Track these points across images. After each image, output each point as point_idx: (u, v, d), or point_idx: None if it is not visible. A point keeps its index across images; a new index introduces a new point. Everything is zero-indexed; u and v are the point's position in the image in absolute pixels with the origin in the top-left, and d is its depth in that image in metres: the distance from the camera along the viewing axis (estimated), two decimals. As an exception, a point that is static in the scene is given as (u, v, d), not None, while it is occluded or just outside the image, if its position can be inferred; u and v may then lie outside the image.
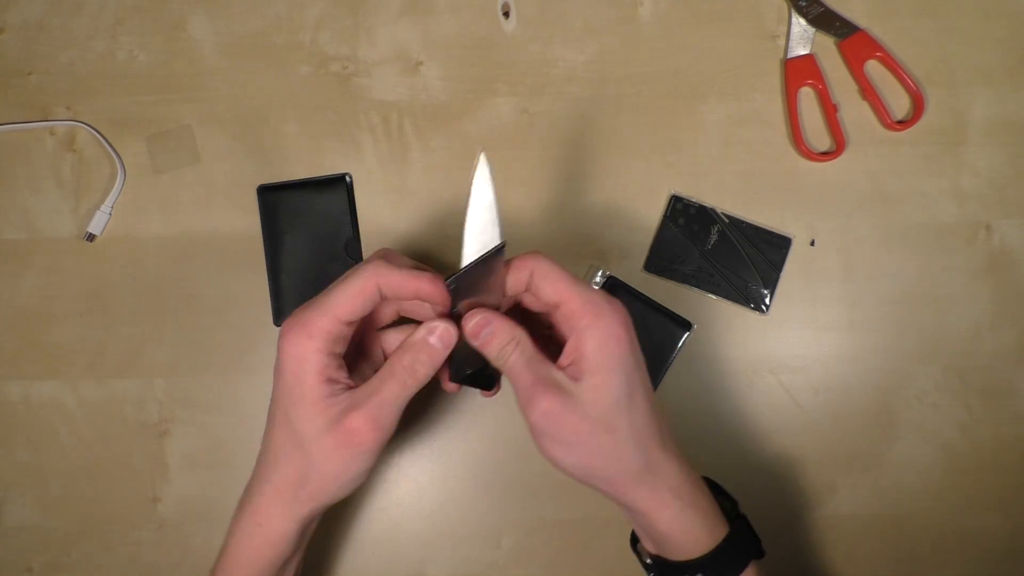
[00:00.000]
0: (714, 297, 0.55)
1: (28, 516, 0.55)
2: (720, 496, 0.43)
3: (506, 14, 0.57)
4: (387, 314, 0.44)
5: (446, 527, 0.55)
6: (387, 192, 0.56)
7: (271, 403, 0.41)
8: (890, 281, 0.55)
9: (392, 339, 0.44)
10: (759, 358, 0.55)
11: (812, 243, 0.55)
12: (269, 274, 0.55)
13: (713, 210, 0.55)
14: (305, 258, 0.55)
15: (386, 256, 0.41)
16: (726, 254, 0.55)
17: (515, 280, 0.40)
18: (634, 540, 0.45)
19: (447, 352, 0.40)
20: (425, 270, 0.40)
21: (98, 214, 0.55)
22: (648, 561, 0.43)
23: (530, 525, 0.54)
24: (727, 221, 0.55)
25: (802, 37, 0.56)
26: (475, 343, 0.39)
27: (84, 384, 0.55)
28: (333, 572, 0.54)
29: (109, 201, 0.55)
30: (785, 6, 0.57)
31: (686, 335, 0.54)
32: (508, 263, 0.40)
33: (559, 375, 0.39)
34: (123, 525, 0.55)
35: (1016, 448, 0.55)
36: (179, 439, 0.55)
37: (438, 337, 0.39)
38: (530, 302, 0.41)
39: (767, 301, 0.55)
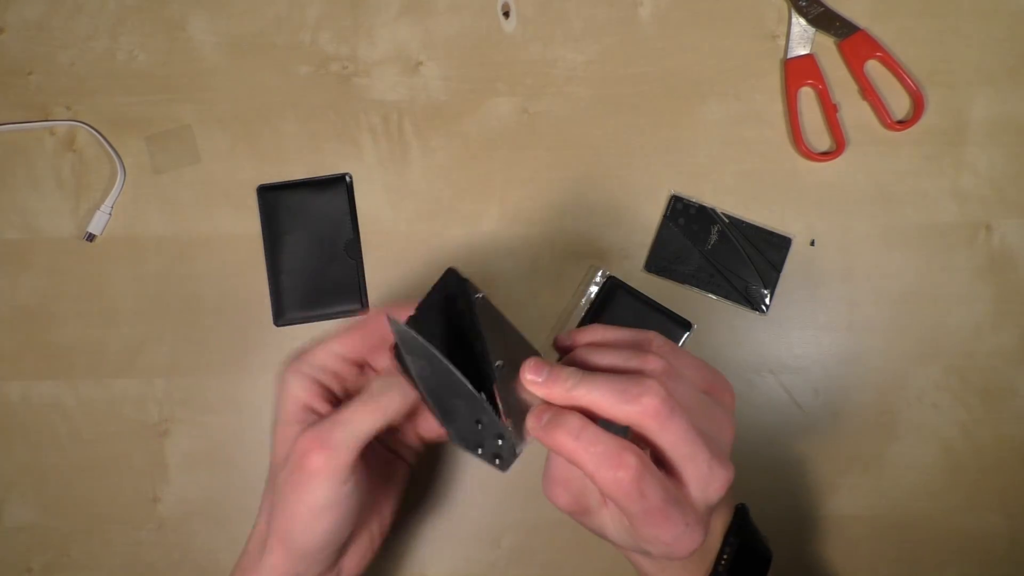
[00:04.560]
0: (714, 297, 0.55)
1: (28, 516, 0.55)
2: (752, 544, 0.41)
3: (506, 14, 0.57)
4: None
5: (446, 527, 0.55)
6: (387, 192, 0.56)
7: None
8: (890, 281, 0.55)
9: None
10: (759, 358, 0.55)
11: (812, 243, 0.55)
12: (269, 274, 0.55)
13: (713, 210, 0.55)
14: (305, 258, 0.55)
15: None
16: (726, 254, 0.55)
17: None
18: None
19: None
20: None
21: (98, 214, 0.55)
22: None
23: (530, 525, 0.54)
24: (727, 221, 0.55)
25: (802, 37, 0.56)
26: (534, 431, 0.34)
27: (84, 384, 0.55)
28: (333, 572, 0.54)
29: (109, 201, 0.55)
30: (785, 6, 0.57)
31: (686, 335, 0.54)
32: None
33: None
34: (123, 525, 0.55)
35: (1016, 448, 0.54)
36: (179, 439, 0.55)
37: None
38: None
39: (767, 301, 0.55)
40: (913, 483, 0.54)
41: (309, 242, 0.56)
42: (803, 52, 0.56)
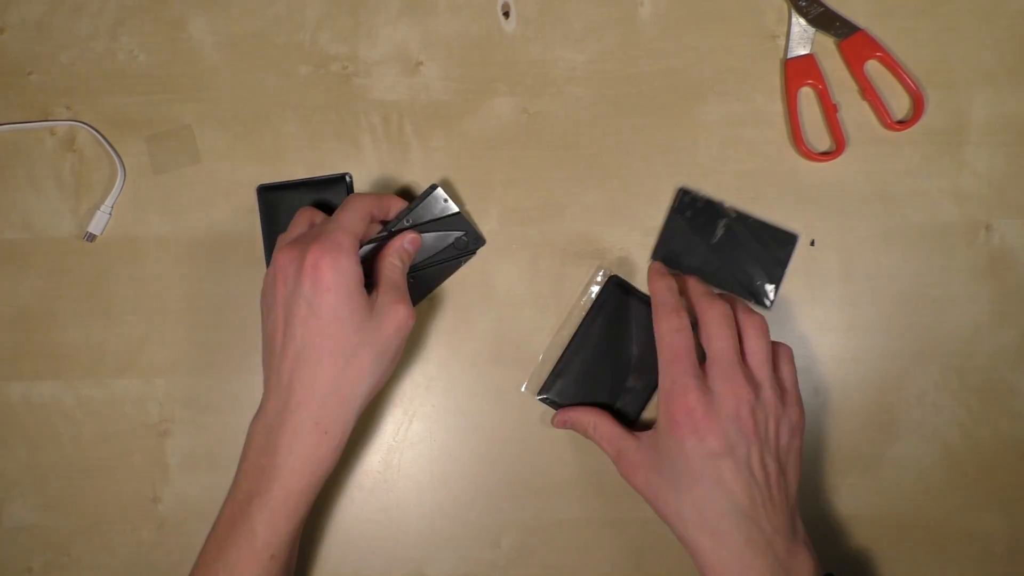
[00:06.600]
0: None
1: (28, 516, 0.55)
2: None
3: (506, 14, 0.57)
4: None
5: (446, 527, 0.55)
6: (387, 192, 0.56)
7: (296, 320, 0.44)
8: (890, 281, 0.55)
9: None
10: (759, 358, 0.55)
11: (812, 243, 0.55)
12: (269, 274, 0.55)
13: (721, 204, 0.55)
14: (305, 258, 0.55)
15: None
16: (732, 249, 0.55)
17: None
18: None
19: (415, 251, 0.51)
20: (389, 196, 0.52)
21: (98, 214, 0.55)
22: None
23: (530, 525, 0.54)
24: (734, 216, 0.55)
25: (802, 37, 0.56)
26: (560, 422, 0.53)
27: (84, 384, 0.55)
28: (333, 572, 0.54)
29: (109, 201, 0.55)
30: (785, 6, 0.57)
31: (686, 335, 0.54)
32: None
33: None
34: (123, 525, 0.55)
35: (1016, 448, 0.55)
36: (179, 439, 0.55)
37: (409, 242, 0.50)
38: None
39: (771, 296, 0.55)
40: (913, 483, 0.55)
41: (309, 242, 0.55)
42: (803, 52, 0.56)
